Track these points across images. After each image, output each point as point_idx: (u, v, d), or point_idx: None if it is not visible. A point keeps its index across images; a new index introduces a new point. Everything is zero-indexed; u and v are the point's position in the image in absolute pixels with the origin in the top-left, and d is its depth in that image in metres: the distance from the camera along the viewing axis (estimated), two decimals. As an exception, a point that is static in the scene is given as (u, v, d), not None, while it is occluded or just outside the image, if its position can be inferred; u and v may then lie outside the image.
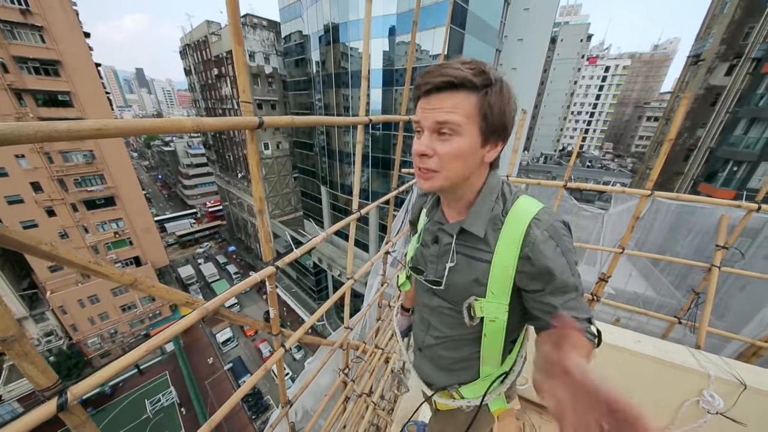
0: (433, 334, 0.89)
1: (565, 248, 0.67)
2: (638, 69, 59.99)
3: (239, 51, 0.76)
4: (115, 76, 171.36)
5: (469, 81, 0.59)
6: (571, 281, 0.67)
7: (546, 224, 0.67)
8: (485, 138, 0.64)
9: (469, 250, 0.74)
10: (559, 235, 0.67)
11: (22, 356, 0.54)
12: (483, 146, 0.65)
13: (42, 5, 16.52)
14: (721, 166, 13.97)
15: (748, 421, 1.41)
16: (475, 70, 0.60)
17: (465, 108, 0.61)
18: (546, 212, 0.69)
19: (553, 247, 0.66)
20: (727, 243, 1.95)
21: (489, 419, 0.96)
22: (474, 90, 0.60)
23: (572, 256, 0.68)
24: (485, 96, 0.60)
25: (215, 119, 0.71)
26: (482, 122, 0.62)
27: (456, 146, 0.63)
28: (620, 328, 1.75)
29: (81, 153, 19.61)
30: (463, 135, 0.62)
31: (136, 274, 0.71)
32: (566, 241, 0.68)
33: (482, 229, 0.71)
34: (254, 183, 0.95)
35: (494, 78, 0.61)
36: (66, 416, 0.62)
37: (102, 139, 12.02)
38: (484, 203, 0.71)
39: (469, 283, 0.74)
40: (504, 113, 0.63)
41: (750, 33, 13.46)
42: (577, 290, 0.69)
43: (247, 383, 1.15)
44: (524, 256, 0.67)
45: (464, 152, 0.64)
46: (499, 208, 0.71)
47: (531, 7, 19.73)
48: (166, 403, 18.92)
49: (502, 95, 0.62)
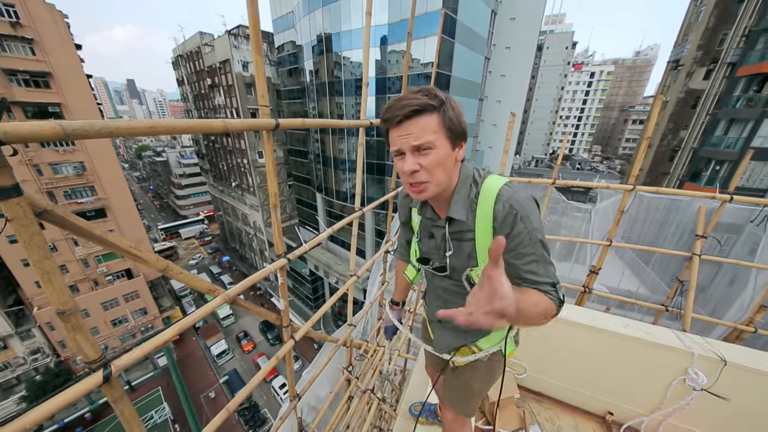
0: (450, 308, 1.00)
1: (524, 215, 0.77)
2: (622, 74, 62.13)
3: (259, 60, 0.85)
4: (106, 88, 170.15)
5: (429, 104, 0.74)
6: (528, 246, 0.78)
7: (506, 196, 0.79)
8: (453, 143, 0.79)
9: (458, 235, 0.89)
10: (520, 204, 0.78)
11: (77, 328, 0.61)
12: (453, 150, 0.80)
13: (33, 18, 16.50)
14: (704, 166, 14.49)
15: (730, 396, 1.51)
16: (429, 95, 0.74)
17: (433, 126, 0.75)
18: (508, 186, 0.81)
19: (513, 216, 0.78)
20: (705, 232, 2.08)
21: (501, 362, 1.09)
22: (434, 110, 0.75)
23: (532, 223, 0.78)
24: (444, 113, 0.75)
25: (240, 120, 0.80)
26: (448, 132, 0.77)
27: (435, 157, 0.77)
28: (610, 314, 1.85)
29: (71, 165, 19.33)
30: (438, 147, 0.77)
31: (168, 261, 0.78)
32: (526, 209, 0.78)
33: (463, 214, 0.85)
34: (270, 179, 1.03)
35: (444, 97, 0.76)
36: (107, 389, 0.68)
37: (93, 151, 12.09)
38: (461, 192, 0.86)
39: (465, 260, 0.90)
40: (460, 120, 0.78)
41: (724, 39, 14.18)
42: (536, 254, 0.79)
43: (261, 371, 1.21)
44: (494, 227, 0.81)
45: (442, 159, 0.78)
46: (473, 192, 0.84)
47: (517, 16, 20.43)
48: (160, 420, 18.30)
49: (454, 108, 0.77)
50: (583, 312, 1.87)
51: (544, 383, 2.03)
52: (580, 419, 1.91)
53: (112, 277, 22.74)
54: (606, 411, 1.87)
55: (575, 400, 1.96)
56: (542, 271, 0.79)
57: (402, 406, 1.99)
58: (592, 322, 1.76)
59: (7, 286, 20.33)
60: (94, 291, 21.44)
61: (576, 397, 1.95)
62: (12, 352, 19.30)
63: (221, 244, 39.49)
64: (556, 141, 56.92)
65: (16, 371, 19.57)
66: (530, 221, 0.78)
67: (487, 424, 1.85)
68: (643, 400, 1.75)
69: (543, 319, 0.79)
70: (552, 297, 0.77)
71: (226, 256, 36.18)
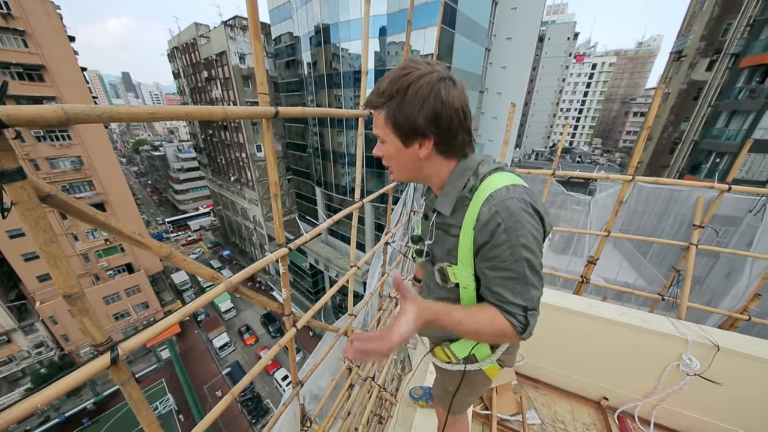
0: (431, 295, 1.03)
1: (509, 227, 0.68)
2: (624, 66, 61.38)
3: (258, 47, 0.85)
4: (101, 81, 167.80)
5: (372, 103, 0.76)
6: (507, 262, 0.70)
7: (496, 200, 0.70)
8: (404, 140, 0.75)
9: (445, 227, 0.85)
10: (508, 212, 0.69)
11: (84, 312, 0.62)
12: (406, 146, 0.76)
13: (24, 9, 16.15)
14: (705, 158, 14.45)
15: (722, 380, 1.55)
16: (378, 91, 0.74)
17: (380, 122, 0.76)
18: (506, 189, 0.71)
19: (495, 224, 0.69)
20: (703, 222, 2.09)
21: (485, 381, 1.05)
22: (380, 107, 0.74)
23: (517, 237, 0.68)
24: (389, 108, 0.72)
25: (240, 108, 0.80)
26: (393, 129, 0.74)
27: (387, 149, 0.79)
28: (607, 303, 1.88)
29: (68, 159, 19.21)
30: (387, 141, 0.77)
31: (172, 248, 0.79)
32: (514, 220, 0.68)
33: (448, 209, 0.81)
34: (270, 169, 1.03)
35: (395, 91, 0.70)
36: (115, 372, 0.70)
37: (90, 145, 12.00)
38: (454, 185, 0.80)
39: (445, 253, 0.86)
40: (407, 117, 0.70)
41: (728, 29, 13.98)
42: (514, 273, 0.71)
43: (265, 358, 1.23)
44: (474, 231, 0.74)
45: (391, 153, 0.79)
46: (469, 186, 0.77)
47: (518, 6, 20.08)
48: (164, 410, 18.64)
49: (404, 104, 0.70)
50: (580, 300, 1.90)
51: (541, 370, 2.07)
52: (575, 404, 1.96)
53: (113, 272, 22.84)
54: (601, 396, 1.91)
55: (571, 386, 2.01)
56: (515, 292, 0.72)
57: (403, 392, 2.03)
58: (589, 309, 1.79)
59: (9, 281, 20.43)
60: (95, 285, 21.57)
61: (572, 383, 2.00)
62: (16, 345, 19.52)
63: (221, 238, 39.58)
64: (557, 134, 56.55)
65: (21, 364, 19.83)
66: (516, 235, 0.68)
67: (485, 409, 1.89)
68: (637, 385, 1.79)
69: (493, 338, 0.77)
70: (514, 322, 0.73)
71: (227, 251, 36.32)
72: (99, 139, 20.38)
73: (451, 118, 0.71)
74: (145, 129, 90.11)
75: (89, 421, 18.05)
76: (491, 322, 0.74)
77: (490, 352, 0.94)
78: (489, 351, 0.94)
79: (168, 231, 41.25)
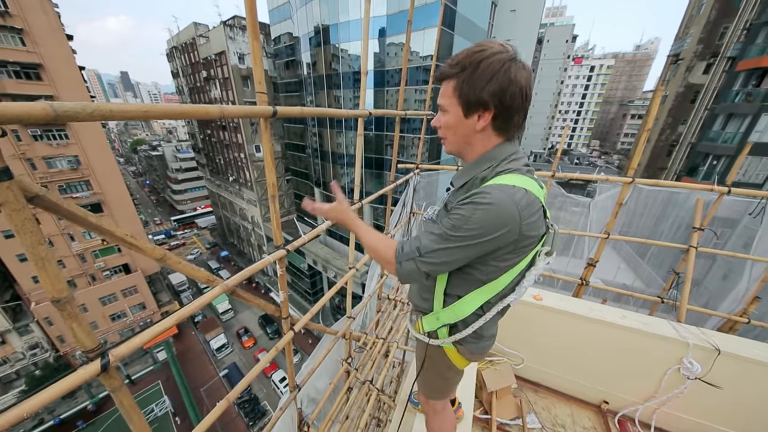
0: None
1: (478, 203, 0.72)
2: (622, 68, 61.77)
3: (256, 46, 0.83)
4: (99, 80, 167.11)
5: (449, 73, 0.78)
6: (450, 219, 0.76)
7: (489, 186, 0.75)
8: (466, 110, 0.79)
9: (450, 204, 0.90)
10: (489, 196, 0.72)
11: (73, 317, 0.60)
12: (467, 117, 0.80)
13: (22, 7, 16.05)
14: (702, 161, 14.53)
15: (723, 384, 1.54)
16: (453, 62, 0.77)
17: (447, 91, 0.80)
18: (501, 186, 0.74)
19: (473, 195, 0.74)
20: (703, 225, 2.09)
21: (449, 365, 1.10)
22: (453, 77, 0.78)
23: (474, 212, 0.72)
24: (459, 79, 0.76)
25: (237, 107, 0.78)
26: (459, 99, 0.78)
27: (446, 119, 0.83)
28: (607, 306, 1.87)
29: (66, 159, 19.07)
30: (450, 111, 0.81)
31: (165, 250, 0.77)
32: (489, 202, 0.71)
33: (459, 183, 0.89)
34: (268, 170, 1.01)
35: (468, 63, 0.74)
36: (105, 378, 0.68)
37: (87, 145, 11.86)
38: (474, 167, 0.85)
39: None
40: (475, 88, 0.74)
41: (725, 33, 14.09)
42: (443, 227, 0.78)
43: (260, 364, 1.21)
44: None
45: (451, 123, 0.83)
46: (483, 175, 0.82)
47: (517, 8, 20.18)
48: (160, 413, 18.48)
49: (474, 76, 0.74)
50: (580, 303, 1.88)
51: (540, 373, 2.06)
52: (576, 408, 1.95)
53: (109, 272, 22.67)
54: (601, 400, 1.90)
55: (571, 390, 1.99)
56: (424, 236, 0.82)
57: (401, 396, 2.01)
58: (589, 313, 1.78)
59: (4, 281, 20.23)
60: (91, 286, 21.39)
61: (572, 387, 1.98)
62: (10, 347, 19.31)
63: (219, 239, 39.40)
64: (555, 136, 56.79)
65: (15, 366, 19.61)
66: (474, 212, 0.72)
67: (484, 413, 1.88)
68: (638, 389, 1.78)
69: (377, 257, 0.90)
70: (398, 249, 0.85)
71: (224, 251, 36.15)
72: (96, 139, 20.25)
73: (514, 96, 0.74)
74: (144, 128, 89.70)
75: (84, 424, 17.86)
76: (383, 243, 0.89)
77: (447, 334, 1.01)
78: (446, 332, 1.01)
79: (175, 228, 42.25)
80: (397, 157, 2.34)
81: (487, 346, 1.04)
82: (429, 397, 1.30)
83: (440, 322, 0.99)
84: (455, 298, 0.94)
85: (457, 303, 0.94)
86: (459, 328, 0.98)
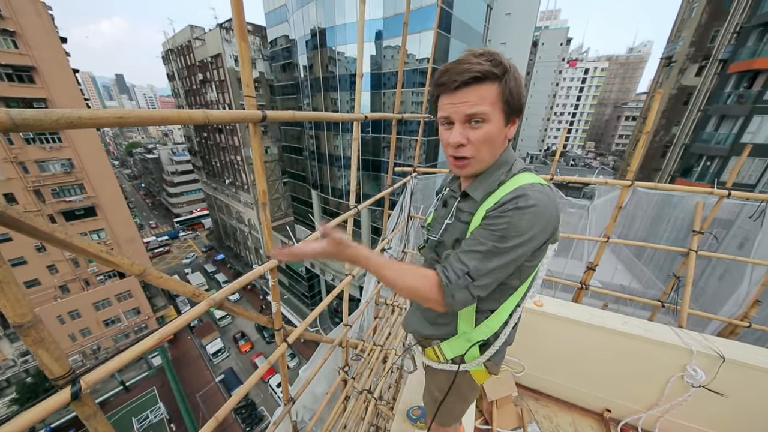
0: None
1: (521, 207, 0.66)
2: (615, 71, 62.59)
3: (244, 47, 0.79)
4: (94, 83, 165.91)
5: (492, 73, 0.65)
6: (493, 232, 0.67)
7: (520, 188, 0.68)
8: (507, 119, 0.72)
9: (461, 213, 0.82)
10: (527, 197, 0.66)
11: (38, 342, 0.55)
12: (506, 126, 0.73)
13: (14, 9, 15.89)
14: (696, 162, 14.69)
15: (728, 392, 1.51)
16: (494, 61, 0.66)
17: (490, 97, 0.67)
18: (530, 185, 0.69)
19: (509, 200, 0.67)
20: (703, 228, 2.07)
21: (472, 384, 1.00)
22: (495, 80, 0.66)
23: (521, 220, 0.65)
24: (505, 83, 0.67)
25: (223, 112, 0.73)
26: (504, 106, 0.69)
27: (487, 131, 0.70)
28: (608, 312, 1.84)
29: (59, 162, 18.83)
30: (491, 121, 0.69)
31: (146, 265, 0.72)
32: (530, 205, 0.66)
33: (480, 195, 0.77)
34: (258, 176, 0.97)
35: (509, 65, 0.67)
36: (78, 406, 0.62)
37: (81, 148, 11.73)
38: (492, 174, 0.77)
39: (453, 242, 0.82)
40: (521, 94, 0.69)
41: (716, 36, 14.31)
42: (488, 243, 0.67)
43: (254, 375, 1.16)
44: (488, 210, 0.71)
45: (493, 135, 0.71)
46: (501, 179, 0.75)
47: (512, 11, 20.36)
48: (155, 419, 18.18)
49: (517, 79, 0.68)
50: (581, 309, 1.85)
51: (542, 381, 2.02)
52: (577, 416, 1.91)
53: (103, 277, 22.36)
54: (604, 408, 1.86)
55: (573, 398, 1.95)
56: (470, 255, 0.69)
57: (399, 406, 1.96)
58: (591, 319, 1.75)
59: (-5, 286, 19.84)
60: (85, 291, 21.07)
61: (574, 395, 1.94)
62: (1, 354, 18.93)
63: (216, 242, 39.08)
64: (551, 137, 57.29)
65: (5, 374, 19.21)
66: (520, 217, 0.65)
67: (485, 423, 1.83)
68: (640, 396, 1.74)
69: (410, 292, 0.73)
70: (443, 278, 0.70)
71: (221, 255, 35.85)
72: (91, 142, 20.05)
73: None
74: (139, 131, 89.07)
75: (76, 431, 17.50)
76: (416, 274, 0.73)
77: (479, 354, 0.89)
78: (478, 353, 0.89)
79: (183, 229, 43.10)
80: (393, 159, 2.30)
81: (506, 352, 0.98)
82: (447, 425, 1.17)
83: (471, 342, 0.88)
84: (488, 313, 0.85)
85: (492, 317, 0.86)
86: (491, 342, 0.88)
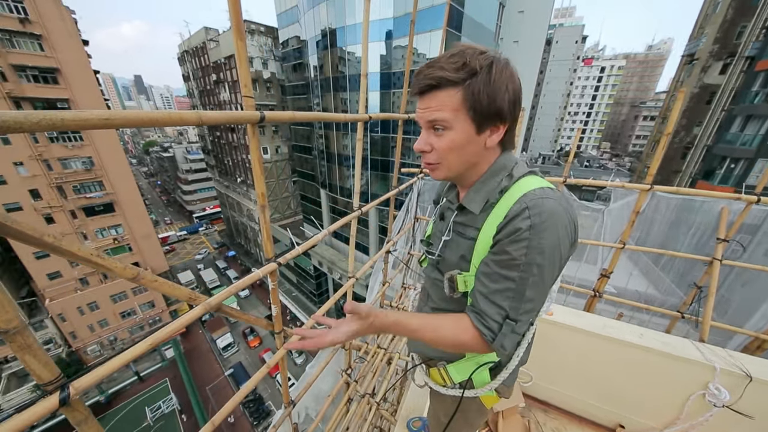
0: (430, 305, 0.92)
1: (536, 225, 0.60)
2: (633, 69, 60.49)
3: (241, 46, 0.77)
4: (114, 84, 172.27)
5: (447, 80, 0.61)
6: (516, 261, 0.62)
7: (530, 199, 0.63)
8: (479, 125, 0.65)
9: (461, 227, 0.77)
10: (540, 210, 0.61)
11: (25, 348, 0.54)
12: (479, 133, 0.66)
13: (41, 14, 16.62)
14: (719, 164, 14.02)
15: (755, 414, 1.40)
16: (457, 64, 0.61)
17: (450, 104, 0.63)
18: (540, 191, 0.64)
19: (522, 219, 0.61)
20: (728, 236, 1.95)
21: (480, 409, 0.95)
22: (456, 85, 0.61)
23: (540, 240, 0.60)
24: (468, 88, 0.61)
25: (217, 113, 0.71)
26: (470, 112, 0.63)
27: (449, 140, 0.66)
28: (623, 323, 1.75)
29: (80, 160, 19.60)
30: (455, 128, 0.65)
31: (139, 268, 0.70)
32: (545, 220, 0.60)
33: (478, 206, 0.72)
34: (256, 179, 0.95)
35: (479, 66, 0.60)
36: (68, 412, 0.61)
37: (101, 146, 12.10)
38: (487, 182, 0.72)
39: (457, 258, 0.76)
40: (494, 98, 0.62)
41: (743, 32, 13.61)
42: (514, 282, 0.63)
43: (252, 379, 1.14)
44: (498, 229, 0.65)
45: (458, 144, 0.66)
46: (501, 187, 0.70)
47: (525, 9, 19.92)
48: (167, 410, 18.72)
49: (490, 81, 0.61)
50: (594, 319, 1.76)
51: (551, 392, 1.94)
52: (588, 431, 1.82)
53: (120, 271, 23.14)
54: (617, 423, 1.77)
55: (584, 411, 1.87)
56: (503, 295, 0.64)
57: (402, 412, 1.92)
58: (604, 330, 1.66)
59: (20, 278, 20.85)
60: (103, 284, 21.88)
61: (585, 408, 1.86)
62: (25, 342, 19.85)
63: (227, 239, 39.92)
64: (564, 137, 55.87)
65: (29, 361, 20.15)
66: (539, 237, 0.60)
67: (490, 434, 1.77)
68: (657, 413, 1.65)
69: (455, 348, 0.69)
70: (484, 330, 0.65)
71: (232, 251, 36.59)
72: (110, 140, 20.78)
73: (520, 104, 0.67)
74: (156, 130, 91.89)
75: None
76: (454, 328, 0.68)
77: (489, 378, 0.83)
78: (488, 377, 0.83)
79: (201, 225, 44.79)
80: (400, 160, 2.26)
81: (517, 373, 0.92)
82: None
83: (478, 364, 0.83)
84: None
85: None
86: (503, 364, 0.82)
